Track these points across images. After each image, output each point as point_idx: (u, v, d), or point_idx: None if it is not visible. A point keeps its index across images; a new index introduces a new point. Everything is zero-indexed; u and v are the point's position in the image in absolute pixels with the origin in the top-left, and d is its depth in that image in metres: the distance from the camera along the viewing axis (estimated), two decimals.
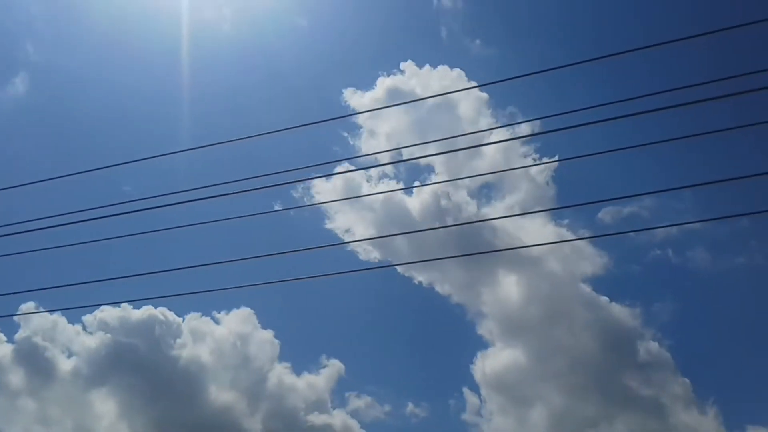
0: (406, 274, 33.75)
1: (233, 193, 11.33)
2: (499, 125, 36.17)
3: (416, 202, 36.46)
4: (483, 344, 35.17)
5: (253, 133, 11.64)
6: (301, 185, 34.42)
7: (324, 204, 39.46)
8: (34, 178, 13.15)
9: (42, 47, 40.53)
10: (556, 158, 32.82)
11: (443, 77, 38.63)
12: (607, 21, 39.60)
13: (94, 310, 31.83)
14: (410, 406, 34.23)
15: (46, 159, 39.35)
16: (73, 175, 12.64)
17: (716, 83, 8.78)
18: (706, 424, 30.78)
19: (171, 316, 33.03)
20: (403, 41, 42.44)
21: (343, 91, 37.98)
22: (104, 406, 30.98)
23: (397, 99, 38.61)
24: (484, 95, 37.76)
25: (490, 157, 34.97)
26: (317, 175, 12.49)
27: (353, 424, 32.29)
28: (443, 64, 38.61)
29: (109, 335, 32.41)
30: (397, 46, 42.26)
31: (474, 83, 37.85)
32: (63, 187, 13.90)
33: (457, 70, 37.89)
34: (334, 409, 32.68)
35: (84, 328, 33.02)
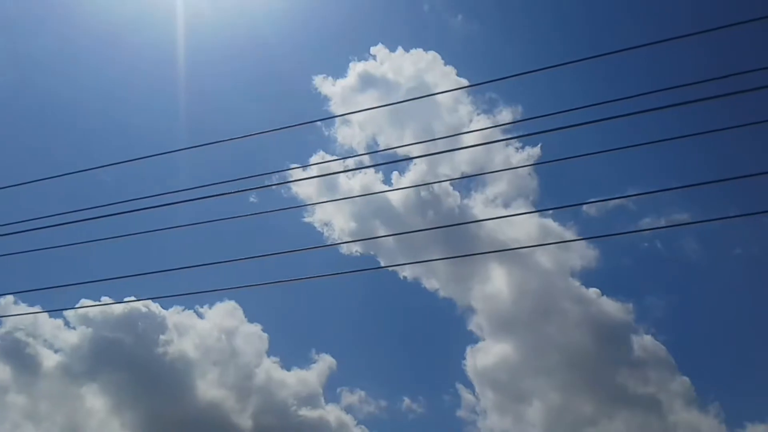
0: (391, 269, 33.30)
1: (214, 195, 11.17)
2: (494, 125, 35.77)
3: (396, 192, 35.87)
4: (472, 339, 34.68)
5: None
6: (280, 177, 34.11)
7: (303, 196, 38.78)
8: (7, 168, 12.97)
9: (3, 33, 39.44)
10: (539, 147, 32.65)
11: (418, 61, 37.60)
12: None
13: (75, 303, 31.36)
14: (405, 401, 33.90)
15: (16, 148, 38.64)
16: (51, 178, 12.41)
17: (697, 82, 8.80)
18: (705, 421, 30.37)
19: (155, 308, 32.47)
20: (375, 21, 40.92)
21: (314, 78, 37.05)
22: (89, 402, 30.65)
23: (371, 85, 37.63)
24: (463, 80, 36.72)
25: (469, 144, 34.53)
26: (307, 176, 12.28)
27: (346, 419, 31.95)
28: (417, 47, 37.66)
29: (90, 329, 31.99)
30: (369, 27, 40.94)
31: (450, 67, 36.81)
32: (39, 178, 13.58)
33: (432, 53, 36.88)
34: (326, 404, 32.27)
35: (66, 322, 32.64)
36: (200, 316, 33.67)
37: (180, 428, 28.93)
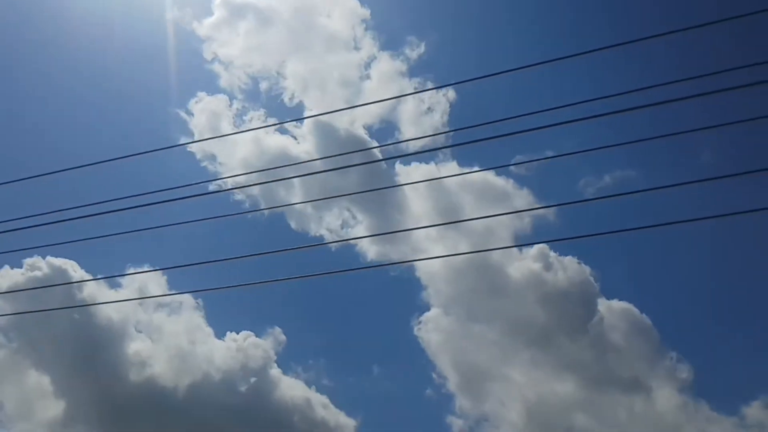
0: (317, 234, 30.99)
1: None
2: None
3: (294, 142, 33.38)
4: (417, 307, 32.42)
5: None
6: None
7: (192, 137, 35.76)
8: None
9: None
10: (453, 90, 31.74)
11: None
12: None
13: None
14: (373, 372, 32.25)
15: None
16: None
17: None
18: (696, 410, 28.76)
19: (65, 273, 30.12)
20: None
21: (166, 12, 33.51)
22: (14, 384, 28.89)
23: (241, 17, 34.75)
24: (365, 11, 33.76)
25: (374, 90, 32.43)
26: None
27: (299, 393, 30.31)
28: None
29: None
30: None
31: None
32: None
33: None
34: (283, 373, 30.57)
35: None
36: (116, 285, 31.60)
37: (114, 408, 27.58)
